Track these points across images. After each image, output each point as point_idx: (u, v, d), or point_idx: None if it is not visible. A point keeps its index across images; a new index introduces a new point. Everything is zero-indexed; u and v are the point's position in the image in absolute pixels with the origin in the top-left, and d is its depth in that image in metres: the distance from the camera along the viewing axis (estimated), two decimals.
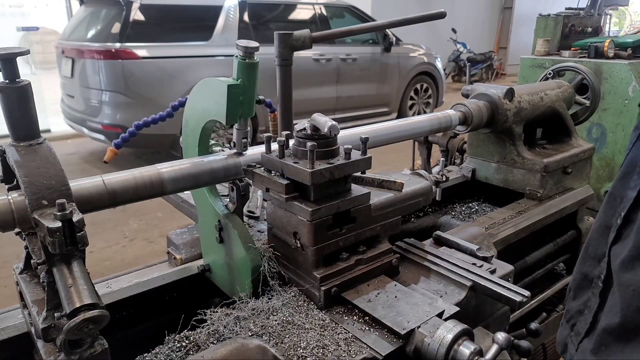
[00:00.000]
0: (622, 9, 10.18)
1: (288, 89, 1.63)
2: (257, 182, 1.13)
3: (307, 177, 1.00)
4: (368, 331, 1.00)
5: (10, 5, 10.68)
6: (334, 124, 0.98)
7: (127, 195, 1.03)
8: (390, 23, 1.76)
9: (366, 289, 1.11)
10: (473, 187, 2.12)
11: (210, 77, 1.12)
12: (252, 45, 1.05)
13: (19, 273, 1.01)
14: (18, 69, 0.87)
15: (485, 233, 1.47)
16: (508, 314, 1.29)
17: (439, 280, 1.19)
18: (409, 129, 1.64)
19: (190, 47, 6.39)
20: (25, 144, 0.89)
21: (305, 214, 1.04)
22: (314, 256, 1.07)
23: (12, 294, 1.06)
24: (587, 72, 2.28)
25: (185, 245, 1.38)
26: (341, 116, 7.80)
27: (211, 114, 1.11)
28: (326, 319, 1.04)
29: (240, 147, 1.16)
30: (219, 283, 1.28)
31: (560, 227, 1.98)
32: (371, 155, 1.10)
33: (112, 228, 4.85)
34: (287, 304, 1.09)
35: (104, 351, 0.81)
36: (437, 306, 1.04)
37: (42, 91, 8.38)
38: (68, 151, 7.38)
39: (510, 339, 0.92)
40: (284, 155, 1.08)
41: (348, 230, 1.11)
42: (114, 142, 1.37)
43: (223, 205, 1.20)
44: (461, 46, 13.73)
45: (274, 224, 1.16)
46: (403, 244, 1.32)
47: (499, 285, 1.12)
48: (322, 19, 7.64)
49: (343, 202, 1.08)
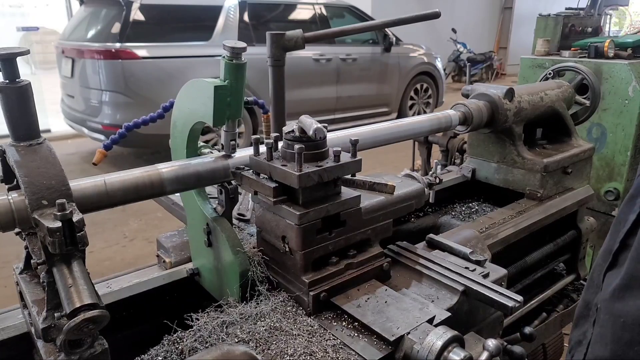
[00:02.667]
0: (622, 9, 10.13)
1: (281, 90, 1.62)
2: (246, 184, 1.11)
3: (295, 180, 0.98)
4: (357, 337, 0.98)
5: (10, 5, 10.70)
6: (319, 127, 0.96)
7: (127, 195, 1.03)
8: (384, 23, 1.74)
9: (356, 294, 1.09)
10: (473, 187, 2.11)
11: (201, 77, 1.10)
12: (239, 46, 1.03)
13: (19, 273, 1.01)
14: (18, 69, 0.86)
15: (479, 236, 1.45)
16: (501, 318, 1.27)
17: (430, 284, 1.17)
18: (409, 129, 1.63)
19: (190, 47, 6.39)
20: (25, 144, 0.89)
21: (293, 218, 1.02)
22: (302, 260, 1.05)
23: (12, 294, 1.06)
24: (587, 72, 2.27)
25: (175, 249, 1.36)
26: (341, 116, 7.80)
27: (198, 115, 1.10)
28: (314, 325, 1.02)
29: (229, 149, 1.14)
30: (208, 287, 1.26)
31: (560, 227, 1.97)
32: (361, 158, 1.08)
33: (112, 228, 4.85)
34: (276, 309, 1.07)
35: (104, 351, 0.81)
36: (427, 311, 1.02)
37: (42, 91, 8.40)
38: (68, 151, 7.39)
39: (501, 346, 0.90)
40: (272, 158, 1.06)
41: (338, 234, 1.09)
42: (103, 144, 1.35)
43: (211, 209, 1.18)
44: (461, 46, 13.70)
45: (263, 228, 1.14)
46: (395, 248, 1.29)
47: (491, 290, 1.10)
48: (322, 19, 7.63)
49: (332, 206, 1.06)
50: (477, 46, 14.65)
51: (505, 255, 1.67)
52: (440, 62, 9.26)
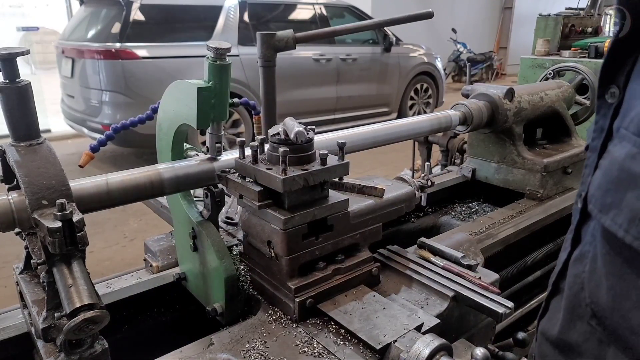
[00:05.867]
0: None
1: (272, 91, 1.59)
2: (231, 188, 1.09)
3: (279, 184, 0.96)
4: (343, 345, 0.96)
5: (10, 5, 10.70)
6: (300, 131, 0.94)
7: (127, 195, 1.03)
8: (377, 23, 1.72)
9: (344, 300, 1.06)
10: (473, 187, 2.11)
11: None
12: (224, 47, 1.01)
13: (19, 273, 1.01)
14: (18, 69, 0.86)
15: (472, 239, 1.42)
16: (494, 324, 1.24)
17: (420, 289, 1.15)
18: (409, 129, 1.62)
19: (190, 47, 6.36)
20: (25, 144, 0.89)
21: (278, 223, 1.00)
22: (288, 266, 1.02)
23: (12, 294, 1.07)
24: (587, 72, 2.26)
25: (162, 253, 1.34)
26: (341, 116, 7.77)
27: (182, 117, 1.07)
28: (300, 332, 1.00)
29: (214, 151, 1.12)
30: (194, 292, 1.24)
31: (560, 227, 1.95)
32: (348, 161, 1.06)
33: (112, 228, 4.84)
34: (261, 316, 1.05)
35: (104, 351, 0.82)
36: (416, 318, 1.00)
37: (42, 91, 8.39)
38: (68, 151, 7.38)
39: (488, 356, 0.88)
40: (257, 161, 1.04)
41: (325, 239, 1.07)
42: (90, 145, 1.33)
43: (197, 212, 1.15)
44: (461, 46, 13.65)
45: (249, 232, 1.12)
46: (385, 252, 1.27)
47: (481, 295, 1.07)
48: (322, 19, 7.60)
49: (319, 210, 1.04)
50: (477, 46, 14.60)
51: (505, 255, 1.66)
52: (440, 62, 9.22)
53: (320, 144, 1.32)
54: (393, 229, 1.86)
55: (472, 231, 1.57)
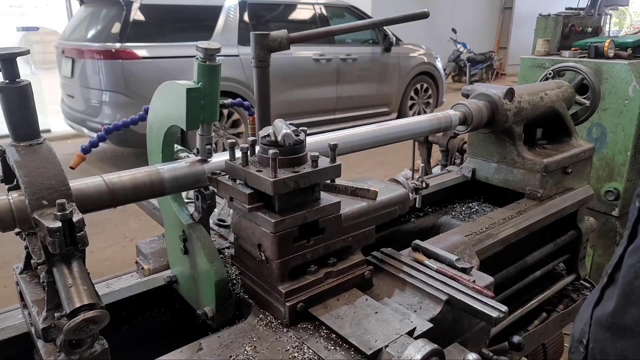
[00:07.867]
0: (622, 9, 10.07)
1: (266, 91, 1.58)
2: (222, 190, 1.07)
3: (269, 186, 0.94)
4: (334, 350, 0.94)
5: (10, 5, 10.71)
6: (288, 133, 0.92)
7: (127, 195, 1.02)
8: (372, 23, 1.70)
9: (335, 304, 1.05)
10: (473, 187, 2.09)
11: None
12: (213, 47, 0.99)
13: (19, 273, 1.01)
14: (18, 69, 0.86)
15: (467, 242, 1.41)
16: (488, 328, 1.23)
17: (414, 293, 1.13)
18: (409, 129, 1.61)
19: (190, 47, 6.31)
20: (25, 144, 0.89)
21: (269, 226, 0.98)
22: (278, 270, 1.01)
23: (12, 294, 1.06)
24: (587, 72, 2.24)
25: (153, 255, 1.33)
26: (341, 116, 7.77)
27: (172, 118, 1.06)
28: (290, 337, 0.98)
29: (205, 153, 1.11)
30: (185, 295, 1.23)
31: (560, 227, 1.95)
32: (340, 163, 1.04)
33: (112, 228, 4.84)
34: (251, 320, 1.03)
35: (104, 351, 0.82)
36: (408, 323, 0.98)
37: (42, 91, 8.39)
38: (68, 151, 7.38)
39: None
40: (247, 163, 1.02)
41: (316, 242, 1.05)
42: (82, 147, 1.32)
43: (188, 215, 1.14)
44: (461, 46, 13.63)
45: (239, 235, 1.10)
46: (379, 254, 1.25)
47: (475, 299, 1.06)
48: (322, 19, 7.60)
49: (310, 213, 1.02)
50: (477, 46, 14.58)
51: (505, 255, 1.65)
52: (440, 62, 9.21)
53: (316, 145, 1.31)
54: (393, 229, 1.84)
55: (472, 231, 1.56)
